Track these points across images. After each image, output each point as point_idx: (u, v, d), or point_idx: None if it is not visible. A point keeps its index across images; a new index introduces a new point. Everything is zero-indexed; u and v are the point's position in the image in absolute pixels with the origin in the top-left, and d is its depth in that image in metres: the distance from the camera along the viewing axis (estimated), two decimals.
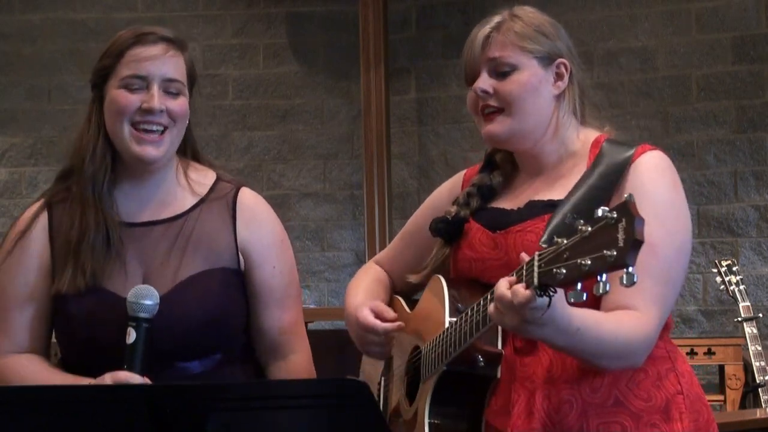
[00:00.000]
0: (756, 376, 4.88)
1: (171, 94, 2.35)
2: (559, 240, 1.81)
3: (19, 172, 6.93)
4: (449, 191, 2.45)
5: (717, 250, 6.23)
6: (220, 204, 2.44)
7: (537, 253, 1.86)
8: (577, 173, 2.22)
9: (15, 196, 6.91)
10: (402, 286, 2.52)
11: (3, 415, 1.87)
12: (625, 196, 1.74)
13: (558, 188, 2.22)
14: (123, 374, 2.22)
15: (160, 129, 2.34)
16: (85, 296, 2.32)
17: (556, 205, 2.17)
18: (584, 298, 1.78)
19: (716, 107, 6.34)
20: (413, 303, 2.49)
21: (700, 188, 6.31)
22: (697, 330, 6.26)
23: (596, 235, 1.74)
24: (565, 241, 1.80)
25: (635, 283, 1.71)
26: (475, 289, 2.24)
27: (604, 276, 1.73)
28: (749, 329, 4.97)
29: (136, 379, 2.21)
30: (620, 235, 1.70)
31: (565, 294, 1.84)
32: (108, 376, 2.22)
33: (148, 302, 2.25)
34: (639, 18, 6.49)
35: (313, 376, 2.51)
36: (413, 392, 2.34)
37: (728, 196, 6.30)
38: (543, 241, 1.88)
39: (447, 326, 2.20)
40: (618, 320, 2.04)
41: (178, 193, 2.43)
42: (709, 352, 5.73)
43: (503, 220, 2.25)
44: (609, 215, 1.73)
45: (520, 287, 1.88)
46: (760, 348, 4.93)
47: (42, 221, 2.41)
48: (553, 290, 1.85)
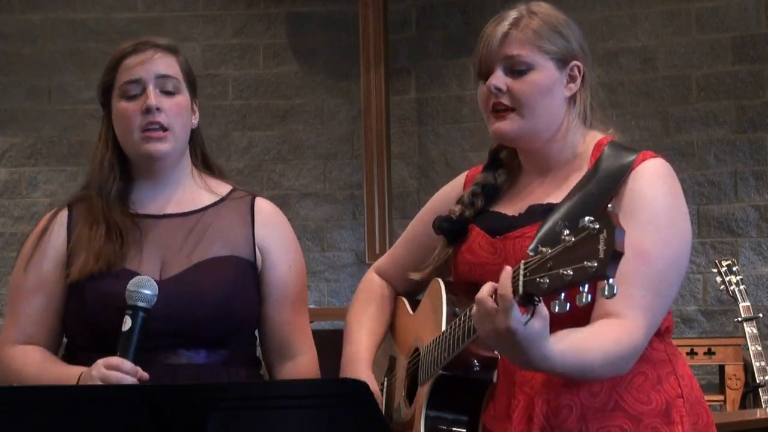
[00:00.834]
0: (756, 376, 4.89)
1: (168, 93, 2.44)
2: (544, 249, 1.80)
3: (19, 172, 6.93)
4: (451, 193, 2.43)
5: (717, 250, 6.22)
6: (238, 204, 2.53)
7: (523, 262, 1.85)
8: (578, 175, 2.21)
9: (15, 196, 6.91)
10: (405, 286, 2.52)
11: (3, 415, 1.87)
12: (608, 207, 1.73)
13: (560, 192, 2.21)
14: (114, 360, 2.25)
15: (162, 127, 2.42)
16: (97, 279, 2.39)
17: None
18: (567, 308, 1.77)
19: (716, 107, 6.34)
20: (415, 303, 2.49)
21: (700, 188, 6.31)
22: (697, 330, 6.26)
23: (578, 246, 1.73)
24: (549, 251, 1.79)
25: (615, 294, 1.70)
26: (473, 293, 2.23)
27: (586, 287, 1.72)
28: (749, 329, 4.97)
29: (128, 365, 2.24)
30: (601, 246, 1.69)
31: (548, 304, 1.82)
32: (100, 362, 2.26)
33: (147, 292, 2.29)
34: (639, 18, 6.49)
35: (318, 377, 2.53)
36: (413, 394, 2.34)
37: (728, 196, 6.30)
38: (530, 249, 1.87)
39: (443, 330, 2.20)
40: (601, 337, 2.01)
41: (196, 192, 2.53)
42: (709, 352, 5.73)
43: (503, 225, 2.24)
44: (591, 226, 1.72)
45: (505, 293, 1.85)
46: (760, 348, 4.93)
47: (62, 218, 2.52)
48: (537, 299, 1.84)
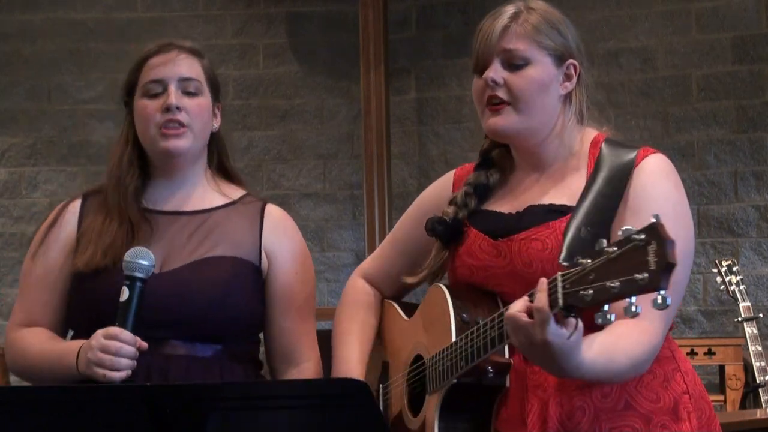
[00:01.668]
0: (756, 376, 4.88)
1: (189, 94, 2.49)
2: (584, 261, 1.80)
3: (18, 172, 6.93)
4: (439, 193, 2.41)
5: (717, 250, 6.22)
6: (248, 209, 2.55)
7: (560, 274, 1.84)
8: (576, 174, 2.21)
9: (15, 196, 6.90)
10: (392, 289, 2.51)
11: (3, 415, 1.87)
12: (651, 219, 1.72)
13: (558, 191, 2.21)
14: (113, 329, 2.27)
15: (181, 124, 2.46)
16: (103, 273, 2.42)
17: (558, 210, 2.16)
18: (612, 319, 1.77)
19: (716, 107, 6.34)
20: (407, 307, 2.47)
21: (700, 188, 6.31)
22: (697, 330, 6.25)
23: (624, 258, 1.73)
24: (589, 262, 1.79)
25: (668, 306, 1.71)
26: (478, 296, 2.23)
27: (634, 298, 1.73)
28: (749, 329, 4.97)
29: (127, 335, 2.26)
30: (651, 257, 1.70)
31: (590, 316, 1.82)
32: (100, 332, 2.28)
33: (144, 262, 2.30)
34: (639, 18, 6.49)
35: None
36: (416, 402, 2.32)
37: (728, 196, 6.30)
38: (563, 259, 1.87)
39: (455, 340, 2.17)
40: (625, 340, 2.02)
41: (208, 193, 2.56)
42: (710, 353, 5.73)
43: (503, 226, 2.23)
44: (636, 237, 1.72)
45: (542, 306, 1.85)
46: (760, 348, 4.93)
47: (75, 206, 2.56)
48: (574, 312, 1.84)
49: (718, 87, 6.33)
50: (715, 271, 5.14)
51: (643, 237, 1.71)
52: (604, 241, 1.78)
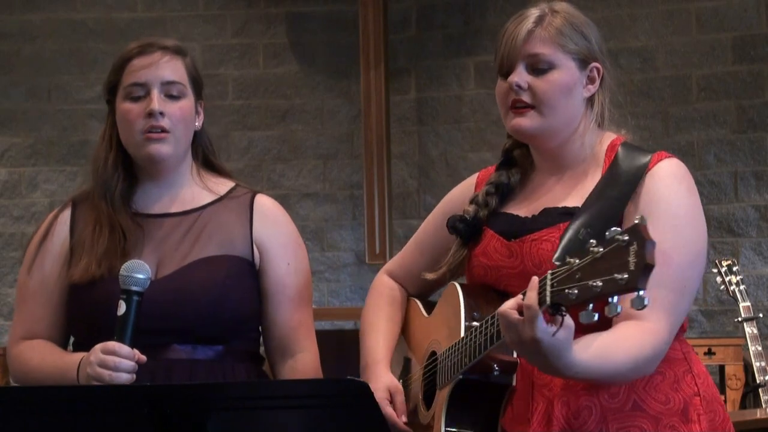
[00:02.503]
0: (756, 376, 4.88)
1: (172, 97, 2.46)
2: (572, 260, 1.81)
3: (18, 172, 6.92)
4: (463, 195, 2.43)
5: (717, 250, 6.22)
6: (237, 203, 2.54)
7: (549, 272, 1.86)
8: (591, 177, 2.22)
9: (15, 196, 6.90)
10: (417, 287, 2.53)
11: (3, 415, 1.87)
12: (636, 219, 1.73)
13: (574, 194, 2.21)
14: (112, 344, 2.27)
15: (164, 130, 2.44)
16: (98, 283, 2.42)
17: (570, 213, 2.17)
18: (595, 318, 1.78)
19: (716, 107, 6.33)
20: (428, 304, 2.49)
21: (700, 188, 6.24)
22: (697, 330, 6.25)
23: (607, 257, 1.75)
24: (577, 261, 1.80)
25: (645, 306, 1.71)
26: (490, 296, 2.24)
27: (615, 298, 1.74)
28: (749, 329, 4.97)
29: (125, 349, 2.26)
30: (631, 258, 1.70)
31: (576, 315, 1.83)
32: (98, 347, 2.28)
33: (140, 276, 2.29)
34: (639, 18, 6.49)
35: (320, 376, 2.54)
36: (430, 397, 2.35)
37: (728, 196, 6.30)
38: (556, 259, 1.88)
39: (462, 335, 2.19)
40: (625, 342, 2.02)
41: (195, 191, 2.54)
42: (710, 353, 5.73)
43: (518, 228, 2.24)
44: (620, 237, 1.73)
45: (531, 303, 1.87)
46: (760, 348, 4.93)
47: (66, 215, 2.55)
48: (563, 310, 1.85)
49: (718, 87, 6.33)
50: (715, 271, 5.14)
51: (627, 237, 1.72)
52: (593, 241, 1.78)
